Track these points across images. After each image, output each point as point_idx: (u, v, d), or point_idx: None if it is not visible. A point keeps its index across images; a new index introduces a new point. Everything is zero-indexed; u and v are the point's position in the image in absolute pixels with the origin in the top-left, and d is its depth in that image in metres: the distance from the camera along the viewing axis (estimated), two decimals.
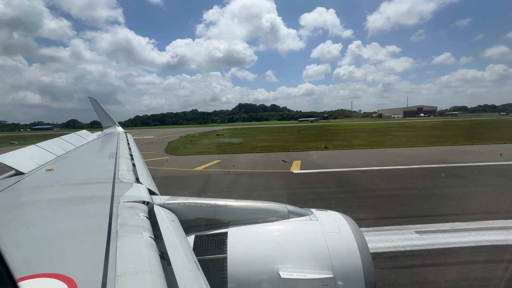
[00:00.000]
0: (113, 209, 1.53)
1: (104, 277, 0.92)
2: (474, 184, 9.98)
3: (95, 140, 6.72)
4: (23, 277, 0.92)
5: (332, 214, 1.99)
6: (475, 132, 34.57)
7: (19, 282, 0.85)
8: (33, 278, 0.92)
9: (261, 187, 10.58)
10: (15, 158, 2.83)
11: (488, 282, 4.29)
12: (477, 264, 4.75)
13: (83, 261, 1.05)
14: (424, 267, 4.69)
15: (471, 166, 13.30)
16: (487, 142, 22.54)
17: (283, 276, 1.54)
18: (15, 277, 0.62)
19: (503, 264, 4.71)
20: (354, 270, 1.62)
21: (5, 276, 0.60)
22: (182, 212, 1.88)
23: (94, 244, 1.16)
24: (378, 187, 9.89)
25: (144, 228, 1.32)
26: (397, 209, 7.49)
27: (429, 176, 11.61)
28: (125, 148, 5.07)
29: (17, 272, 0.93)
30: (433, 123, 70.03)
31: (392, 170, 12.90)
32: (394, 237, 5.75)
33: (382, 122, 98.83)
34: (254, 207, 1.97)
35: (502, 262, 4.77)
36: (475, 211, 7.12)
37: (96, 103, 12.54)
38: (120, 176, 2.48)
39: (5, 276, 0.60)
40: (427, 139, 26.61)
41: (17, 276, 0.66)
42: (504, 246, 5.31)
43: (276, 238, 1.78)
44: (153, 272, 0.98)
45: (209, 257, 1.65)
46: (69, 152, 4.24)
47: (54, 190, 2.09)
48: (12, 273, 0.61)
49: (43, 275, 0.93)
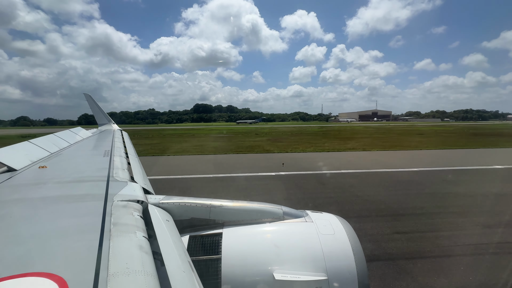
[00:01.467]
0: (106, 208, 1.51)
1: (96, 277, 0.91)
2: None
3: (89, 137, 6.64)
4: (13, 276, 0.90)
5: (327, 216, 2.00)
6: (367, 136, 36.07)
7: (8, 281, 0.84)
8: (23, 277, 0.91)
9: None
10: (7, 154, 2.78)
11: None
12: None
13: (75, 261, 1.03)
14: None
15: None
16: (370, 148, 22.52)
17: (277, 278, 1.54)
18: (4, 275, 0.61)
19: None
20: (348, 272, 1.62)
21: None
22: (177, 212, 1.87)
23: (86, 243, 1.14)
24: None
25: (137, 228, 1.30)
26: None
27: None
28: (120, 146, 5.02)
29: (7, 271, 0.92)
30: (364, 127, 70.07)
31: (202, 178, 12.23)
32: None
33: (318, 125, 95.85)
34: (249, 208, 1.97)
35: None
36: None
37: (92, 100, 12.42)
38: (114, 175, 2.45)
39: None
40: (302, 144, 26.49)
41: (7, 275, 0.65)
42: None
43: (271, 239, 1.78)
44: (146, 272, 0.97)
45: (203, 258, 1.64)
46: (63, 149, 4.18)
47: (46, 187, 2.05)
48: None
49: (33, 274, 0.91)
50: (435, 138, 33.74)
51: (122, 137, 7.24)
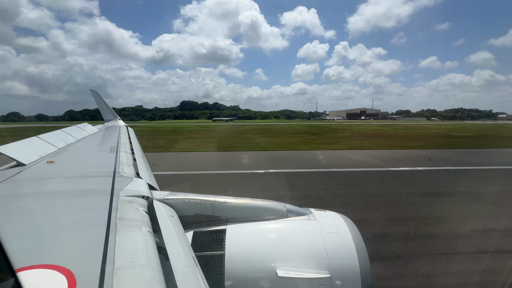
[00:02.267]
0: (112, 203, 1.53)
1: (102, 270, 0.93)
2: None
3: (96, 133, 6.73)
4: (22, 268, 0.92)
5: (330, 215, 2.00)
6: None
7: (18, 273, 0.86)
8: (32, 269, 0.93)
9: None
10: (16, 149, 2.84)
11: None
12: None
13: (82, 254, 1.06)
14: None
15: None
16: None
17: (280, 275, 1.54)
18: (14, 267, 0.62)
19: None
20: (351, 271, 1.62)
21: (4, 266, 0.60)
22: (181, 208, 1.89)
23: (93, 237, 1.16)
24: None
25: (143, 223, 1.32)
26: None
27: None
28: (126, 142, 5.08)
29: (16, 263, 0.94)
30: (310, 126, 64.47)
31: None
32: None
33: (286, 123, 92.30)
34: (253, 205, 1.97)
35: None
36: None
37: (98, 95, 12.55)
38: (120, 170, 2.48)
39: (4, 266, 0.60)
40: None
41: (16, 267, 0.67)
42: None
43: (274, 236, 1.79)
44: (151, 266, 0.98)
45: (207, 254, 1.66)
46: (70, 145, 4.25)
47: (54, 182, 2.09)
48: (12, 264, 0.61)
49: (42, 266, 0.94)
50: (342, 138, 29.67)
51: (128, 133, 7.31)
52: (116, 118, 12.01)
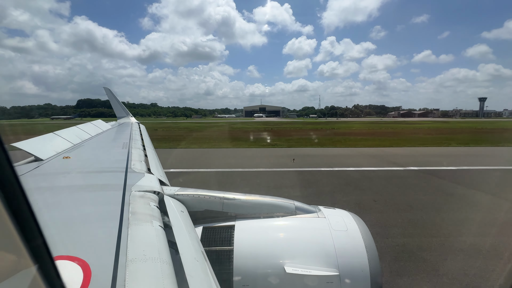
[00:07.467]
0: (125, 198, 1.57)
1: (116, 261, 0.96)
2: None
3: (109, 130, 6.90)
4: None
5: (340, 212, 1.98)
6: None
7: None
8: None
9: None
10: (34, 145, 2.96)
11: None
12: None
13: (96, 246, 1.09)
14: None
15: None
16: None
17: (288, 271, 1.55)
18: (52, 254, 0.67)
19: None
20: (361, 270, 1.60)
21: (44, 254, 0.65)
22: (191, 203, 1.92)
23: (106, 230, 1.20)
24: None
25: (154, 217, 1.35)
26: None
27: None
28: (138, 139, 5.19)
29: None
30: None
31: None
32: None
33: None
34: (262, 201, 1.98)
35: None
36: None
37: (111, 93, 12.83)
38: (132, 166, 2.54)
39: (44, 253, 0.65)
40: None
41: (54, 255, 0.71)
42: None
43: (283, 233, 1.79)
44: (162, 259, 1.01)
45: (216, 249, 1.68)
46: (85, 141, 4.38)
47: (70, 177, 2.17)
48: (51, 252, 0.66)
49: (59, 257, 0.98)
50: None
51: (140, 130, 7.46)
52: (128, 115, 12.26)
